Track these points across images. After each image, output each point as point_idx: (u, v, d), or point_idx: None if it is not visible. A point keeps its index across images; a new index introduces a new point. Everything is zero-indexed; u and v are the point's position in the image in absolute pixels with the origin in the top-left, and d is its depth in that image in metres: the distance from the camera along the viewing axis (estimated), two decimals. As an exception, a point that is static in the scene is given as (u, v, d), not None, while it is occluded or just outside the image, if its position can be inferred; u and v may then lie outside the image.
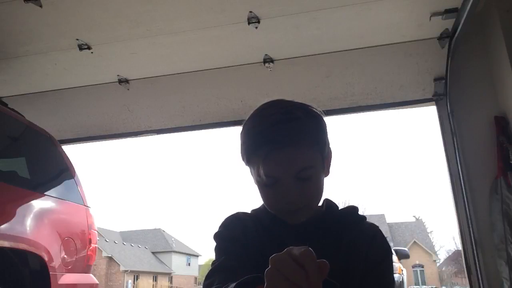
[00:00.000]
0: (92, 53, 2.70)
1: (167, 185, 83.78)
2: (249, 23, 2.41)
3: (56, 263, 2.71)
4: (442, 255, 42.69)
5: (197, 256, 48.52)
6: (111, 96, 3.18)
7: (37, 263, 2.63)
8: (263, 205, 1.06)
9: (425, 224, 42.03)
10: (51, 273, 2.64)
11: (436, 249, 40.01)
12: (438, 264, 39.82)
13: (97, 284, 3.25)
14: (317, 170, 0.96)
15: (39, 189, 2.85)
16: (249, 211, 1.11)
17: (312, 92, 2.94)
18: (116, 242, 39.11)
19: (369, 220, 1.07)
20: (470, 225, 2.58)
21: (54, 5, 2.27)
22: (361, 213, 1.08)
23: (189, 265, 46.12)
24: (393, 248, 8.50)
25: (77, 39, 2.58)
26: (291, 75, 2.91)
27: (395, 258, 7.67)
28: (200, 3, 2.29)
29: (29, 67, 2.91)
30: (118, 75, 3.03)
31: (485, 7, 2.46)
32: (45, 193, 2.85)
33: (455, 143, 2.69)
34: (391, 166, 71.47)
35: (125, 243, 40.54)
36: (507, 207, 2.40)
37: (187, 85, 3.06)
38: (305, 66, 2.85)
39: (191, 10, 2.34)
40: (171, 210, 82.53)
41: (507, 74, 2.36)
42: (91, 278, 3.19)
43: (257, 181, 0.98)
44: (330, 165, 1.03)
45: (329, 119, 1.07)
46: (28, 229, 2.53)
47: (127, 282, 36.30)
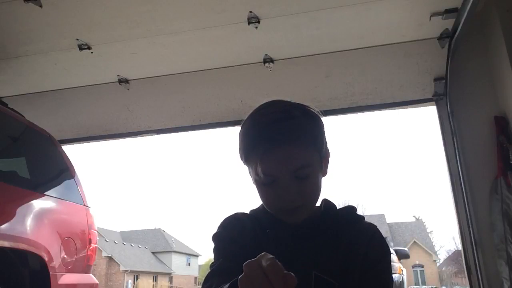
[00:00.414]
0: (92, 53, 2.70)
1: (167, 185, 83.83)
2: (249, 23, 2.41)
3: (56, 263, 2.71)
4: (442, 255, 42.70)
5: (197, 256, 48.51)
6: (111, 96, 3.19)
7: (37, 263, 2.63)
8: (262, 205, 1.06)
9: (425, 224, 42.05)
10: (51, 273, 2.64)
11: (436, 249, 40.03)
12: (438, 264, 39.79)
13: (97, 284, 3.24)
14: (314, 169, 0.96)
15: (39, 189, 2.85)
16: (248, 211, 1.11)
17: (312, 92, 2.94)
18: (116, 242, 39.09)
19: (369, 220, 1.07)
20: (470, 225, 2.58)
21: (54, 5, 2.28)
22: (361, 213, 1.08)
23: (189, 265, 46.10)
24: (393, 248, 8.50)
25: (77, 39, 2.58)
26: (291, 75, 2.91)
27: (395, 258, 7.66)
28: (200, 3, 2.29)
29: (29, 67, 2.92)
30: (118, 75, 3.03)
31: (485, 7, 2.46)
32: (45, 193, 2.84)
33: (455, 143, 2.69)
34: (391, 166, 71.47)
35: (125, 243, 40.51)
36: (507, 207, 2.40)
37: (187, 85, 3.06)
38: (305, 66, 2.86)
39: (191, 10, 2.34)
40: (171, 210, 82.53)
41: (507, 74, 2.36)
42: (91, 278, 3.19)
43: (255, 180, 0.98)
44: (328, 165, 1.04)
45: (329, 119, 1.08)
46: (28, 229, 2.53)
47: (127, 282, 36.29)
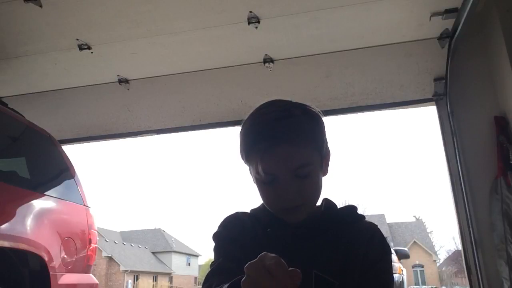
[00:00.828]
0: (92, 53, 2.70)
1: (167, 185, 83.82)
2: (249, 23, 2.42)
3: (56, 263, 2.71)
4: (442, 255, 42.70)
5: (197, 256, 48.49)
6: (111, 96, 3.19)
7: (37, 263, 2.63)
8: (262, 205, 1.06)
9: (425, 224, 42.02)
10: (51, 273, 2.64)
11: (436, 249, 40.01)
12: (438, 264, 39.78)
13: (97, 284, 3.24)
14: (315, 168, 0.96)
15: (39, 189, 2.85)
16: (248, 210, 1.11)
17: (312, 92, 2.94)
18: (116, 242, 39.07)
19: (369, 220, 1.07)
20: (470, 225, 2.58)
21: (54, 5, 2.28)
22: (361, 213, 1.08)
23: (189, 265, 46.09)
24: (393, 248, 8.49)
25: (77, 39, 2.58)
26: (291, 75, 2.91)
27: (395, 258, 7.66)
28: (200, 3, 2.29)
29: (29, 67, 2.92)
30: (118, 75, 3.03)
31: (485, 7, 2.45)
32: (45, 193, 2.84)
33: (455, 143, 2.69)
34: (391, 166, 71.47)
35: (125, 243, 40.49)
36: (507, 207, 2.40)
37: (187, 85, 3.06)
38: (305, 66, 2.86)
39: (191, 10, 2.34)
40: (171, 210, 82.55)
41: (507, 74, 2.36)
42: (91, 278, 3.19)
43: (256, 179, 0.98)
44: (328, 164, 1.04)
45: (329, 119, 1.08)
46: (28, 229, 2.53)
47: (127, 282, 36.28)
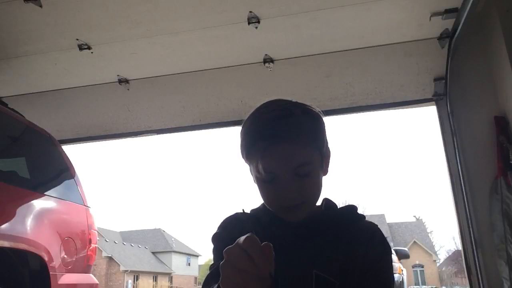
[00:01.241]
0: (92, 53, 2.70)
1: (167, 185, 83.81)
2: (249, 23, 2.42)
3: (56, 263, 2.71)
4: (442, 255, 42.70)
5: (197, 256, 48.49)
6: (111, 96, 3.19)
7: (37, 263, 2.63)
8: (262, 205, 1.06)
9: (425, 224, 42.02)
10: (51, 273, 2.64)
11: (436, 249, 40.00)
12: (438, 264, 39.77)
13: (97, 284, 3.24)
14: (315, 167, 0.96)
15: (39, 189, 2.85)
16: (248, 211, 1.11)
17: (312, 92, 2.94)
18: (116, 242, 39.07)
19: (369, 220, 1.07)
20: (470, 225, 2.58)
21: (54, 5, 2.28)
22: (361, 213, 1.08)
23: (189, 265, 46.09)
24: (393, 248, 8.49)
25: (77, 39, 2.58)
26: (291, 75, 2.91)
27: (395, 258, 7.66)
28: (200, 3, 2.29)
29: (29, 67, 2.92)
30: (118, 75, 3.03)
31: (485, 7, 2.45)
32: (45, 193, 2.84)
33: (455, 143, 2.69)
34: (391, 166, 71.46)
35: (125, 243, 40.50)
36: (507, 207, 2.40)
37: (187, 85, 3.06)
38: (305, 66, 2.86)
39: (191, 10, 2.34)
40: (171, 210, 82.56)
41: (507, 74, 2.36)
42: (91, 278, 3.18)
43: (256, 178, 0.98)
44: (328, 164, 1.04)
45: (329, 119, 1.08)
46: (28, 229, 2.53)
47: (127, 282, 36.28)
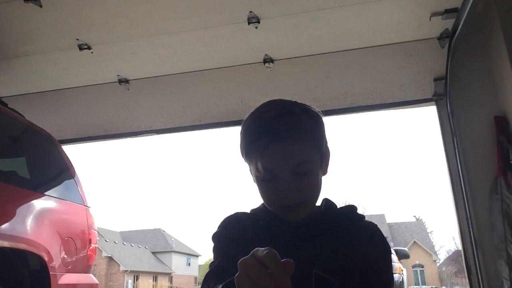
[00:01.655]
0: (92, 53, 2.70)
1: (167, 185, 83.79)
2: (249, 23, 2.42)
3: (56, 263, 2.70)
4: (442, 255, 42.69)
5: (197, 256, 48.48)
6: (111, 96, 3.19)
7: (37, 263, 2.63)
8: (262, 205, 1.06)
9: (425, 224, 42.02)
10: (51, 273, 2.64)
11: (436, 249, 39.99)
12: (438, 264, 39.76)
13: (97, 284, 3.24)
14: (314, 165, 0.96)
15: (39, 189, 2.85)
16: (249, 210, 1.11)
17: (312, 92, 2.94)
18: (116, 242, 39.06)
19: (369, 220, 1.07)
20: (470, 225, 2.58)
21: (54, 5, 2.28)
22: (361, 213, 1.08)
23: (189, 265, 46.08)
24: (393, 248, 8.50)
25: (77, 39, 2.58)
26: (291, 75, 2.91)
27: (395, 258, 7.66)
28: (200, 3, 2.29)
29: (29, 67, 2.92)
30: (118, 75, 3.03)
31: (485, 7, 2.46)
32: (45, 193, 2.84)
33: (455, 143, 2.69)
34: (391, 166, 71.46)
35: (125, 243, 40.48)
36: (507, 207, 2.40)
37: (187, 85, 3.06)
38: (305, 66, 2.86)
39: (191, 10, 2.34)
40: (171, 210, 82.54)
41: (507, 74, 2.36)
42: (91, 278, 3.18)
43: (256, 177, 0.98)
44: (328, 164, 1.04)
45: (329, 119, 1.08)
46: (28, 229, 2.53)
47: (127, 282, 36.27)
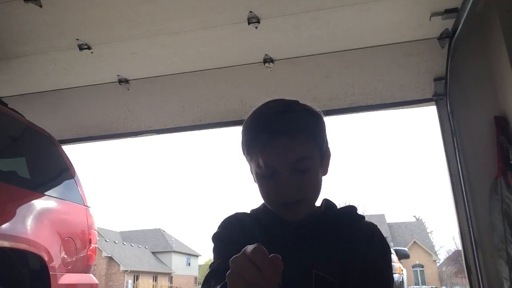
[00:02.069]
0: (92, 53, 2.70)
1: (167, 185, 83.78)
2: (249, 23, 2.42)
3: (56, 263, 2.70)
4: (442, 255, 42.68)
5: (197, 256, 48.48)
6: (111, 96, 3.19)
7: (37, 263, 2.63)
8: (262, 205, 1.06)
9: (425, 224, 42.01)
10: (51, 273, 2.64)
11: (436, 249, 39.98)
12: (438, 264, 39.75)
13: (97, 284, 3.24)
14: (314, 162, 0.97)
15: (39, 189, 2.85)
16: (249, 211, 1.11)
17: (312, 92, 2.94)
18: (116, 242, 39.05)
19: (369, 220, 1.07)
20: (470, 225, 2.58)
21: (54, 5, 2.28)
22: (361, 213, 1.08)
23: (189, 265, 46.08)
24: (393, 248, 8.50)
25: (77, 39, 2.58)
26: (291, 75, 2.91)
27: (395, 258, 7.66)
28: (200, 3, 2.29)
29: (29, 67, 2.92)
30: (118, 75, 3.03)
31: (485, 7, 2.46)
32: (45, 193, 2.84)
33: (455, 143, 2.69)
34: (391, 166, 71.45)
35: (125, 243, 40.47)
36: (507, 207, 2.40)
37: (187, 85, 3.06)
38: (305, 66, 2.86)
39: (191, 10, 2.34)
40: (171, 210, 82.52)
41: (507, 74, 2.36)
42: (91, 278, 3.18)
43: (256, 174, 0.99)
44: (328, 164, 1.05)
45: (329, 119, 1.09)
46: (28, 229, 2.53)
47: (127, 282, 36.26)
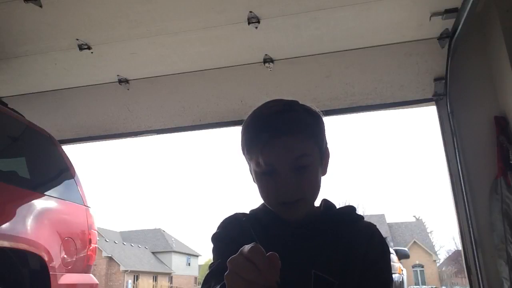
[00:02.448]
0: (92, 53, 2.70)
1: (167, 185, 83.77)
2: (249, 23, 2.42)
3: (56, 263, 2.70)
4: (442, 255, 42.69)
5: (197, 256, 48.48)
6: (111, 96, 3.19)
7: (37, 263, 2.63)
8: (262, 205, 1.06)
9: (425, 224, 42.02)
10: (51, 273, 2.64)
11: (436, 249, 39.98)
12: (438, 264, 39.76)
13: (97, 284, 3.24)
14: (314, 160, 0.97)
15: (39, 189, 2.85)
16: (248, 211, 1.11)
17: (312, 92, 2.94)
18: (116, 242, 39.06)
19: (369, 220, 1.07)
20: (470, 225, 2.58)
21: (54, 5, 2.28)
22: (361, 213, 1.08)
23: (189, 265, 46.08)
24: (393, 248, 8.51)
25: (77, 39, 2.58)
26: (291, 75, 2.91)
27: (395, 258, 7.67)
28: (200, 3, 2.29)
29: (29, 67, 2.92)
30: (118, 75, 3.03)
31: (485, 7, 2.46)
32: (45, 193, 2.84)
33: (455, 143, 2.69)
34: (391, 166, 71.44)
35: (125, 243, 40.48)
36: (507, 207, 2.40)
37: (187, 85, 3.06)
38: (305, 66, 2.86)
39: (191, 10, 2.34)
40: (171, 210, 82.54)
41: (507, 74, 2.36)
42: (91, 278, 3.18)
43: (256, 173, 0.99)
44: (327, 164, 1.05)
45: (329, 119, 1.09)
46: (28, 229, 2.53)
47: (127, 282, 36.27)
